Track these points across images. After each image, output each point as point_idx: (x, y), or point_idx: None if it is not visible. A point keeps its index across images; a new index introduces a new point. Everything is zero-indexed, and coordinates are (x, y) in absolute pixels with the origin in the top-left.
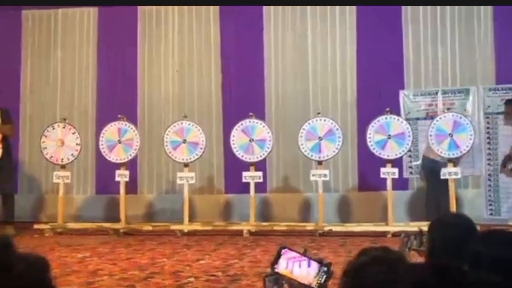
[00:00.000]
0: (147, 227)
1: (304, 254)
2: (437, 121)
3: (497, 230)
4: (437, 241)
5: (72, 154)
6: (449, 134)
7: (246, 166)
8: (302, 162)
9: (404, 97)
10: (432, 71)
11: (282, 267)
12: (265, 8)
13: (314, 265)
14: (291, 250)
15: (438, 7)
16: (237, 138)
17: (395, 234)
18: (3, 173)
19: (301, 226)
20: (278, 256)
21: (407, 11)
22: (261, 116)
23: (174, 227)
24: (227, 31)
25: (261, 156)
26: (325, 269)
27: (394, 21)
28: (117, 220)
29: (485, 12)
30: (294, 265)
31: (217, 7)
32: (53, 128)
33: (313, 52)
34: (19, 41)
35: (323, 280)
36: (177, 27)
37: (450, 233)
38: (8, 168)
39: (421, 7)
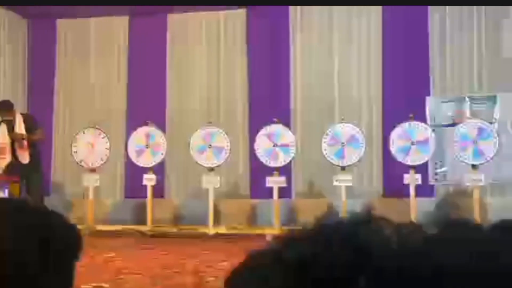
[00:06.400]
0: (173, 229)
1: None
2: (461, 127)
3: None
4: None
5: (101, 158)
6: (473, 141)
7: (271, 171)
8: (326, 167)
9: (431, 103)
10: (458, 76)
11: None
12: (291, 8)
13: None
14: None
15: (466, 12)
16: (261, 143)
17: None
18: (31, 182)
19: None
20: None
21: (434, 18)
22: (285, 120)
23: (199, 229)
24: (254, 35)
25: (285, 161)
26: None
27: (420, 25)
28: (145, 223)
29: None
30: None
31: (243, 10)
32: (84, 133)
33: (339, 55)
34: (53, 48)
35: None
36: (204, 34)
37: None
38: (35, 176)
39: (447, 17)
